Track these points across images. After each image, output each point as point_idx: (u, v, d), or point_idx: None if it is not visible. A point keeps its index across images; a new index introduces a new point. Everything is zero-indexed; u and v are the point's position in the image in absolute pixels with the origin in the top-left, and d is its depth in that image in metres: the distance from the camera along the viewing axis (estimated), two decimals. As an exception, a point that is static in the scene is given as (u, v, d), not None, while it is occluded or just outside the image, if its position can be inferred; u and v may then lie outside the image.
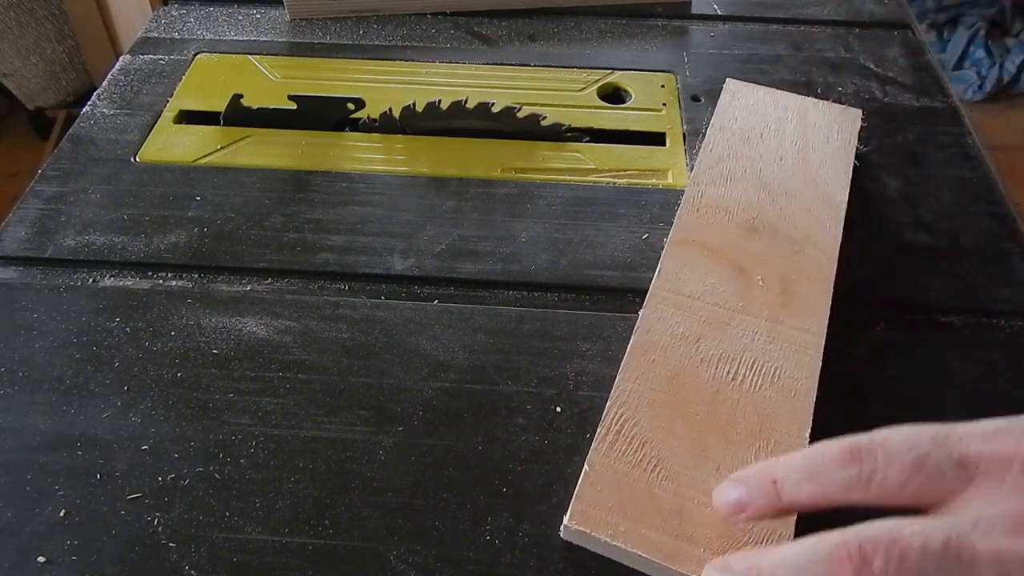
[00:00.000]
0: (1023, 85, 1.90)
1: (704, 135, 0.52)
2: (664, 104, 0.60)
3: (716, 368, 0.39)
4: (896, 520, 0.26)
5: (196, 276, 0.47)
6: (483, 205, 0.51)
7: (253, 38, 0.66)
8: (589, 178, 0.53)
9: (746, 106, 0.54)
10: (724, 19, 0.69)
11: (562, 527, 0.35)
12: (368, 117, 0.57)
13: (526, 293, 0.46)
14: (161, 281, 0.46)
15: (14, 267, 0.47)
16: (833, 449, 0.29)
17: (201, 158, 0.54)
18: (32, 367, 0.41)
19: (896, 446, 0.28)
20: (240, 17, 0.68)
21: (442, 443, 0.39)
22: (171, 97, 0.59)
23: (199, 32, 0.66)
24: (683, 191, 0.49)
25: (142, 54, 0.64)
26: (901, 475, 0.27)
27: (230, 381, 0.41)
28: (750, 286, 0.43)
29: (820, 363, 0.40)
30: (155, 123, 0.57)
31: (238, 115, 0.56)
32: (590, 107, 0.59)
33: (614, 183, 0.53)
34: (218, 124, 0.57)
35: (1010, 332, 0.45)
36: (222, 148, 0.55)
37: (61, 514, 0.36)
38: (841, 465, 0.29)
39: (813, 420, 0.38)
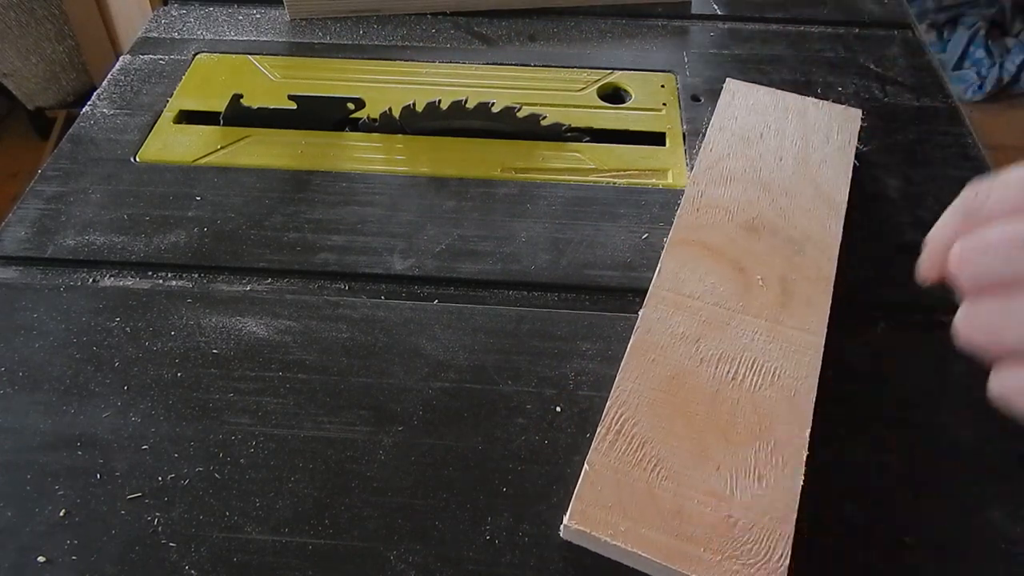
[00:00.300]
0: (1023, 85, 1.90)
1: (704, 135, 0.52)
2: (664, 104, 0.60)
3: (716, 368, 0.39)
4: None
5: (196, 276, 0.47)
6: (483, 205, 0.51)
7: (253, 38, 0.66)
8: (589, 178, 0.53)
9: (746, 106, 0.54)
10: (724, 19, 0.69)
11: (562, 527, 0.35)
12: (368, 117, 0.57)
13: (526, 293, 0.46)
14: (161, 281, 0.46)
15: (14, 267, 0.47)
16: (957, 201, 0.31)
17: (201, 158, 0.54)
18: (32, 367, 0.41)
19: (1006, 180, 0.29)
20: (240, 17, 0.68)
21: (442, 443, 0.39)
22: (171, 97, 0.59)
23: (199, 32, 0.66)
24: (683, 191, 0.49)
25: (142, 54, 0.64)
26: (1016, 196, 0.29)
27: (230, 381, 0.41)
28: (750, 286, 0.43)
29: (820, 363, 0.40)
30: (155, 123, 0.57)
31: (238, 115, 0.56)
32: (590, 107, 0.59)
33: (614, 183, 0.53)
34: (218, 124, 0.57)
35: (1010, 332, 0.45)
36: (222, 148, 0.55)
37: (61, 514, 0.36)
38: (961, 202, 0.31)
39: (813, 420, 0.38)
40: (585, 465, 0.35)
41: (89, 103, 0.59)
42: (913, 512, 0.37)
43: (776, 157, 0.50)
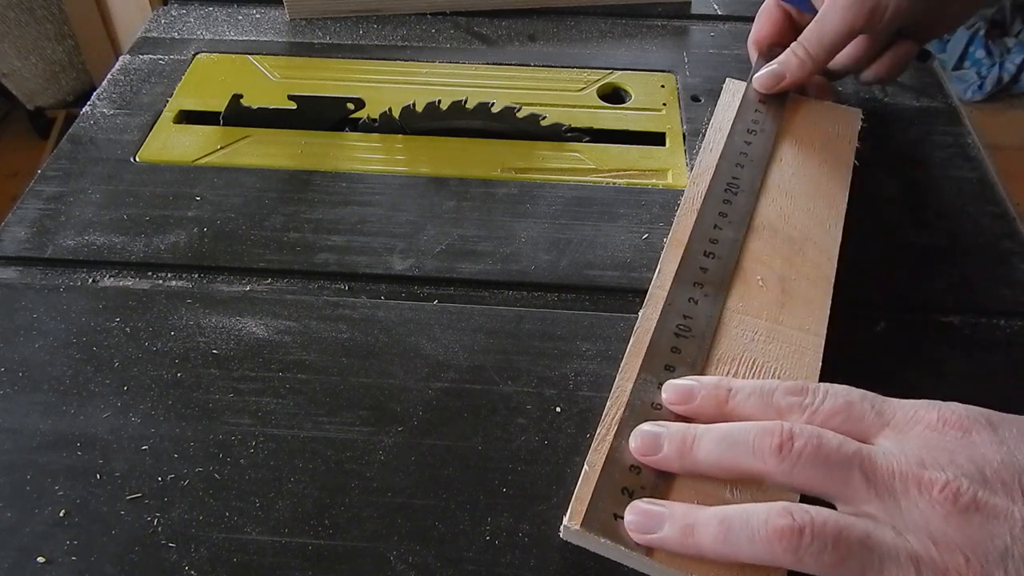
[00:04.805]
0: (1023, 85, 1.90)
1: (704, 135, 0.52)
2: (664, 104, 0.60)
3: (715, 368, 0.39)
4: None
5: (196, 276, 0.47)
6: (483, 205, 0.51)
7: (253, 38, 0.66)
8: (589, 178, 0.53)
9: (746, 106, 0.54)
10: (724, 19, 0.69)
11: (562, 527, 0.34)
12: (368, 117, 0.57)
13: (526, 293, 0.46)
14: (161, 281, 0.46)
15: (14, 267, 0.47)
16: (785, 383, 0.35)
17: (201, 158, 0.54)
18: (32, 367, 0.41)
19: (835, 390, 0.34)
20: (240, 17, 0.68)
21: (442, 443, 0.39)
22: (171, 97, 0.59)
23: (199, 32, 0.66)
24: (683, 191, 0.49)
25: (142, 54, 0.64)
26: (832, 409, 0.33)
27: (230, 381, 0.41)
28: (749, 286, 0.43)
29: (820, 363, 0.40)
30: (155, 123, 0.57)
31: (238, 115, 0.56)
32: (590, 107, 0.59)
33: (614, 183, 0.53)
34: (218, 124, 0.57)
35: (1010, 332, 0.45)
36: (222, 148, 0.55)
37: (61, 514, 0.36)
38: (789, 392, 0.34)
39: (813, 420, 0.38)
40: (585, 465, 0.35)
41: (89, 103, 0.58)
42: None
43: (776, 157, 0.50)
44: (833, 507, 0.31)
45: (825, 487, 0.31)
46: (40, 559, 0.34)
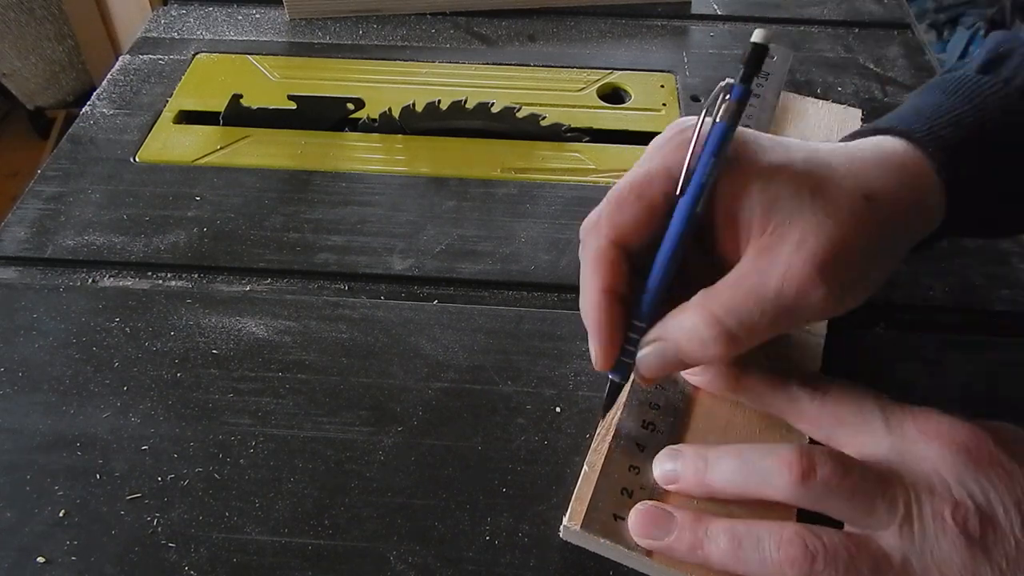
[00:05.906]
0: (1023, 85, 1.89)
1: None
2: (664, 104, 0.60)
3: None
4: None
5: (196, 276, 0.47)
6: (483, 205, 0.51)
7: (253, 38, 0.66)
8: (589, 178, 0.53)
9: (746, 106, 0.54)
10: (724, 19, 0.69)
11: (561, 527, 0.35)
12: (368, 117, 0.57)
13: (526, 293, 0.46)
14: (161, 281, 0.46)
15: (14, 267, 0.47)
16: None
17: (201, 158, 0.54)
18: (32, 367, 0.41)
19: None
20: (240, 17, 0.68)
21: (442, 443, 0.39)
22: (171, 97, 0.59)
23: (199, 32, 0.66)
24: (683, 191, 0.49)
25: (142, 54, 0.64)
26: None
27: (230, 381, 0.41)
28: (750, 286, 0.43)
29: (820, 364, 0.40)
30: (155, 123, 0.57)
31: (238, 115, 0.56)
32: (590, 107, 0.59)
33: (614, 183, 0.53)
34: (218, 124, 0.57)
35: (1010, 332, 0.45)
36: (222, 148, 0.55)
37: (61, 514, 0.36)
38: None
39: (813, 420, 0.38)
40: (585, 465, 0.35)
41: (89, 103, 0.59)
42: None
43: (776, 157, 0.50)
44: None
45: (847, 515, 0.32)
46: (40, 559, 0.34)
